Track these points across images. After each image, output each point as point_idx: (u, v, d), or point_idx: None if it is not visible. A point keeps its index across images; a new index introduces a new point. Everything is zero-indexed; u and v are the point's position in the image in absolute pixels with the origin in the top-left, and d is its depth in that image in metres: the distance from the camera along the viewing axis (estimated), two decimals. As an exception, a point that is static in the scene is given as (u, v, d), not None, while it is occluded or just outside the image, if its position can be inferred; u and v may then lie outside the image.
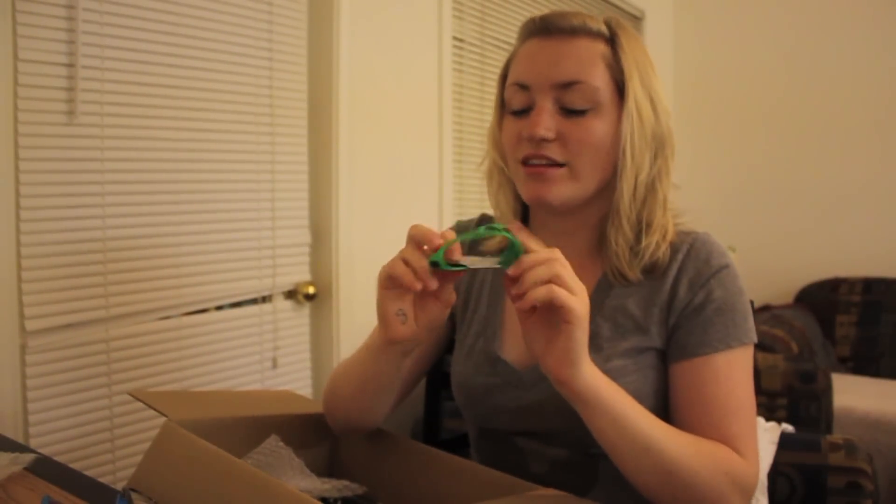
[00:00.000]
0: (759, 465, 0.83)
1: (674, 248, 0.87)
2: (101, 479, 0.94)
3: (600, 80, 0.84)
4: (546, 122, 0.84)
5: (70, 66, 1.33)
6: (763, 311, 2.99)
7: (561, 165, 0.85)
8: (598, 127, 0.84)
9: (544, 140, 0.84)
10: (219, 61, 1.60)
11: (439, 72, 2.19)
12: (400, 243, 1.03)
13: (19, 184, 1.27)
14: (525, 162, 0.87)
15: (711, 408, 0.82)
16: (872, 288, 3.09)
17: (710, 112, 3.57)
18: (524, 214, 0.97)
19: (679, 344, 0.85)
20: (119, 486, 0.82)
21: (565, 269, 0.70)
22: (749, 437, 0.82)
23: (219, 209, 1.63)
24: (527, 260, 0.71)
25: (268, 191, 1.73)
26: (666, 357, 0.86)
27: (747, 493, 0.80)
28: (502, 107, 0.92)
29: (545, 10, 0.93)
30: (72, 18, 1.32)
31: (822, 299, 3.15)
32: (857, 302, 3.09)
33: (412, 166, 2.13)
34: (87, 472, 0.93)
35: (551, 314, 0.71)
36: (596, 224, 0.90)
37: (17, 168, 1.27)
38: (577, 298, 0.70)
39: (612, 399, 0.74)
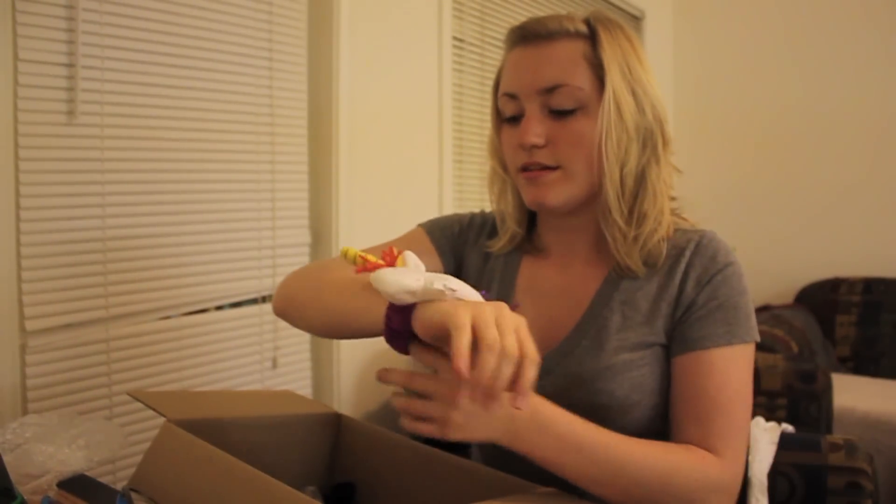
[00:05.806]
0: (740, 463, 0.83)
1: (681, 246, 0.89)
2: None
3: (583, 79, 0.86)
4: (534, 128, 0.87)
5: (70, 66, 1.33)
6: (763, 311, 2.98)
7: (555, 168, 0.88)
8: (587, 126, 0.86)
9: (535, 146, 0.87)
10: (219, 62, 1.60)
11: (439, 72, 2.19)
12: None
13: (19, 184, 1.27)
14: (523, 168, 0.89)
15: (698, 401, 0.82)
16: (872, 288, 3.08)
17: (709, 112, 3.57)
18: (530, 218, 1.00)
19: (680, 338, 0.86)
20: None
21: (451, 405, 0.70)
22: (732, 435, 0.82)
23: (219, 209, 1.63)
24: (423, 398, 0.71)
25: (268, 191, 1.73)
26: (669, 352, 0.87)
27: (723, 492, 0.80)
28: (498, 115, 0.94)
29: (544, 10, 0.94)
30: (72, 18, 1.32)
31: (822, 299, 3.15)
32: (857, 302, 3.09)
33: (412, 166, 2.13)
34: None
35: None
36: (600, 220, 0.92)
37: (17, 168, 1.27)
38: (456, 433, 0.71)
39: (557, 428, 0.75)
